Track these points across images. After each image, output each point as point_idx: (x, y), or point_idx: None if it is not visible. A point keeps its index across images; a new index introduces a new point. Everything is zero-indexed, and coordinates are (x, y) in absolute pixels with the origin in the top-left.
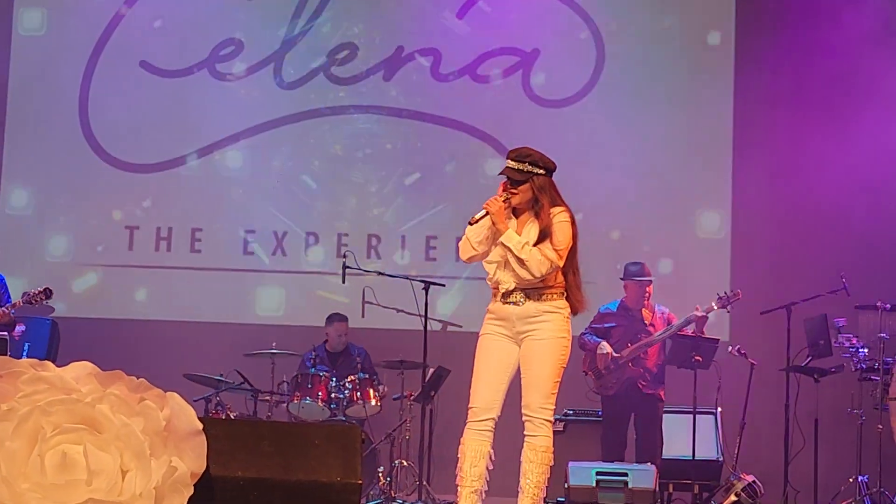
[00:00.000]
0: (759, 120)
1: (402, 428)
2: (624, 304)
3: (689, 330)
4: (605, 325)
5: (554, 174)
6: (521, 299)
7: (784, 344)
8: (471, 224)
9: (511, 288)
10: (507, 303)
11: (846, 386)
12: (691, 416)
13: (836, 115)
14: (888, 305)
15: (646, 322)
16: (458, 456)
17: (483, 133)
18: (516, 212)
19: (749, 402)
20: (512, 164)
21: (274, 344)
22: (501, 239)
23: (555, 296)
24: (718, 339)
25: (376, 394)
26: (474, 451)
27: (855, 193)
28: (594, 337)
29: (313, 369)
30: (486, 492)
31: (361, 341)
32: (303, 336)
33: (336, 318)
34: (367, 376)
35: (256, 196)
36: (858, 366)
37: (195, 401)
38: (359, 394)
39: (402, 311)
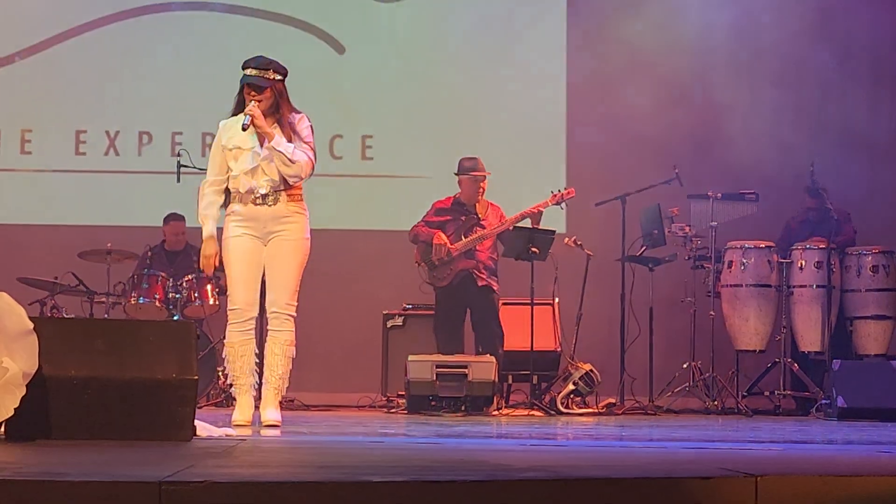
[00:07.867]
0: (592, 20)
1: None
2: (458, 200)
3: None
4: (440, 219)
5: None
6: (272, 200)
7: (619, 234)
8: (244, 130)
9: (266, 192)
10: (259, 204)
11: (679, 274)
12: (529, 307)
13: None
14: (719, 194)
15: (480, 217)
16: (226, 356)
17: (316, 28)
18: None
19: (585, 293)
20: (253, 72)
21: (109, 245)
22: (272, 144)
23: (299, 197)
24: (554, 231)
25: (215, 292)
26: (242, 351)
27: (684, 87)
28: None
29: (150, 269)
30: (258, 383)
31: (200, 241)
32: (139, 236)
33: (173, 217)
34: (204, 275)
35: (87, 95)
36: (691, 254)
37: (30, 304)
38: (196, 293)
39: None
